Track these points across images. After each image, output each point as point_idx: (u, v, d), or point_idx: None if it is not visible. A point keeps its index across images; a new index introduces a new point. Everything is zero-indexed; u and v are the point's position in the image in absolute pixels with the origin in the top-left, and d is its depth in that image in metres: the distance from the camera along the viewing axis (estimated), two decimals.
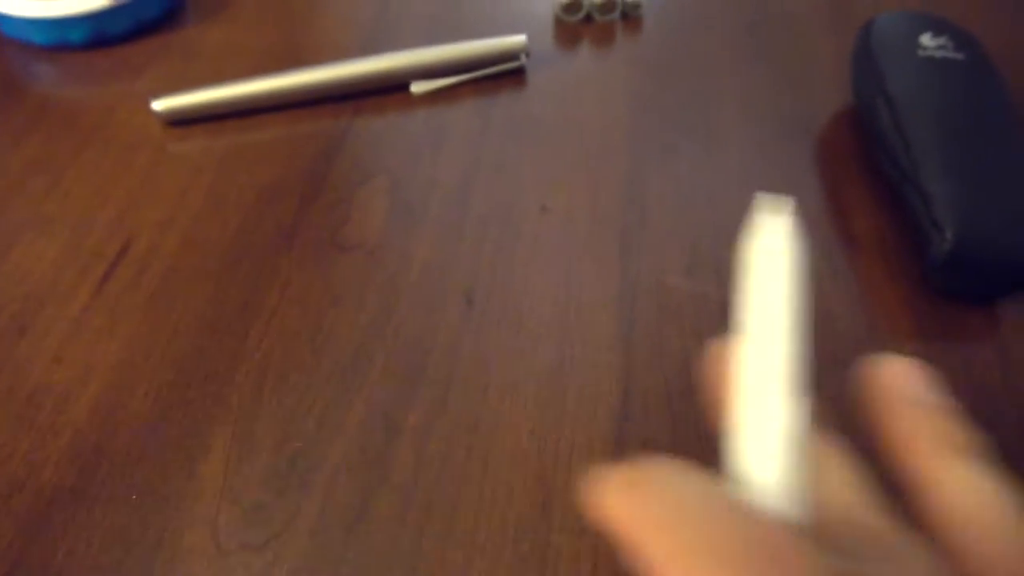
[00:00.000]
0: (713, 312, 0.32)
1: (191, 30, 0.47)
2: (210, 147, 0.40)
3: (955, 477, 0.16)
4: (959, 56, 0.37)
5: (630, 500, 0.15)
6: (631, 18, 0.47)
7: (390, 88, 0.42)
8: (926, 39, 0.37)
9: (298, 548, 0.26)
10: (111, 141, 0.40)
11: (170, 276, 0.34)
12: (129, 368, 0.31)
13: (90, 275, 0.34)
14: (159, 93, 0.41)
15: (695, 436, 0.29)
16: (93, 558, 0.26)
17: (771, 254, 0.17)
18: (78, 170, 0.39)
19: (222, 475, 0.28)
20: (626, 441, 0.29)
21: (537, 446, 0.29)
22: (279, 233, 0.36)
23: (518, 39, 0.43)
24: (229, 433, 0.29)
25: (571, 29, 0.47)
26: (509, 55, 0.43)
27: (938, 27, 0.38)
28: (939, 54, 0.37)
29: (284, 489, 0.28)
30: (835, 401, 0.30)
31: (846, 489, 0.17)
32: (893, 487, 0.17)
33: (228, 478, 0.28)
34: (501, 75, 0.43)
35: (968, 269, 0.32)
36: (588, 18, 0.47)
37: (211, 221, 0.36)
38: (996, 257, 0.31)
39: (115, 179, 0.38)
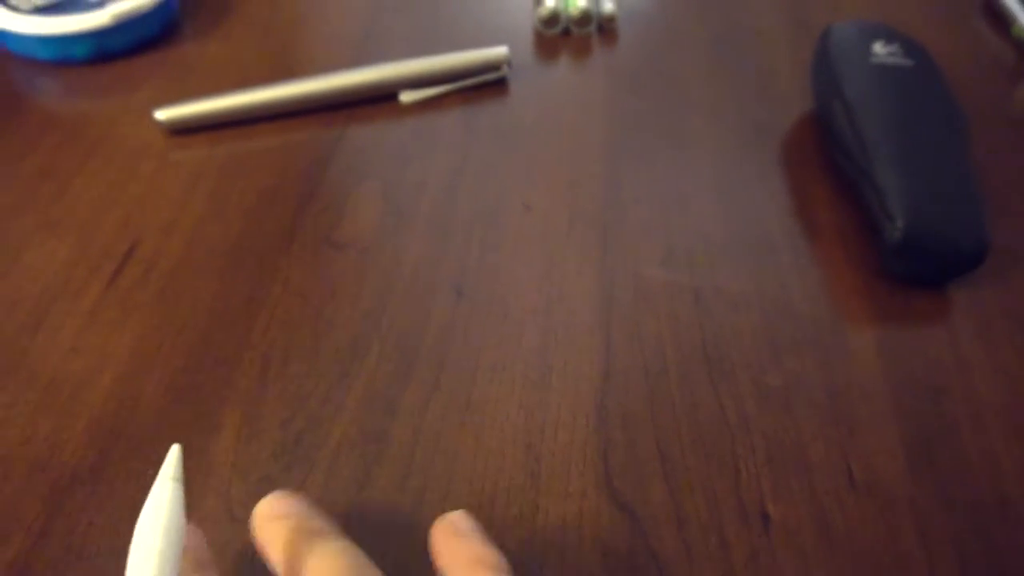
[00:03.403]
0: (686, 299, 0.35)
1: (188, 46, 0.50)
2: (210, 155, 0.42)
3: None
4: (908, 62, 0.40)
5: None
6: (607, 31, 0.50)
7: (380, 98, 0.45)
8: (878, 47, 0.40)
9: None
10: (115, 150, 0.43)
11: (177, 273, 0.36)
12: (142, 357, 0.33)
13: (100, 273, 0.36)
14: (159, 105, 0.43)
15: (671, 411, 0.31)
16: (114, 528, 0.28)
17: (153, 508, 0.22)
18: (84, 178, 0.41)
19: (232, 452, 0.30)
20: (607, 415, 0.31)
21: (525, 420, 0.31)
22: (278, 234, 0.38)
23: (500, 51, 0.45)
24: (238, 414, 0.31)
25: (550, 42, 0.50)
26: (492, 66, 0.45)
27: (889, 36, 0.41)
28: (890, 60, 0.40)
29: (291, 464, 0.30)
30: (798, 378, 0.32)
31: None
32: None
33: (238, 454, 0.30)
34: (484, 85, 0.46)
35: (918, 254, 0.34)
36: (566, 31, 0.50)
37: (214, 223, 0.39)
38: (943, 243, 0.34)
39: (120, 185, 0.41)
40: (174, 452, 0.23)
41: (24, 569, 0.27)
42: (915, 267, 0.35)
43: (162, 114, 0.42)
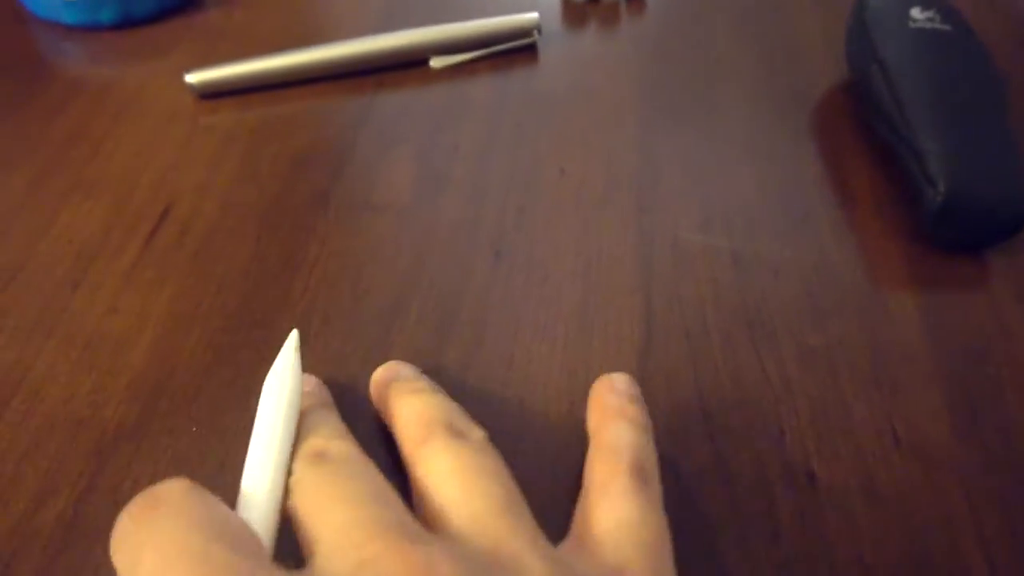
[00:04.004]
0: (725, 262, 0.35)
1: (213, 12, 0.49)
2: (241, 119, 0.42)
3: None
4: (946, 27, 0.39)
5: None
6: None
7: (410, 63, 0.45)
8: (916, 12, 0.40)
9: None
10: (145, 114, 0.42)
11: (213, 235, 0.36)
12: (181, 316, 0.33)
13: (137, 234, 0.36)
14: (187, 70, 0.43)
15: (713, 373, 0.31)
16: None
17: (277, 378, 0.26)
18: (115, 141, 0.41)
19: None
20: (649, 375, 0.31)
21: (568, 380, 0.31)
22: (314, 196, 0.38)
23: (531, 16, 0.45)
24: None
25: (578, 9, 0.49)
26: (523, 32, 0.45)
27: (926, 2, 0.41)
28: (928, 25, 0.39)
29: None
30: (840, 341, 0.32)
31: None
32: None
33: None
34: (514, 51, 0.46)
35: (959, 219, 0.34)
36: None
37: (247, 186, 0.38)
38: (984, 208, 0.34)
39: (152, 148, 0.40)
40: (294, 333, 0.27)
41: (72, 522, 0.27)
42: (955, 232, 0.35)
43: (193, 77, 0.42)
